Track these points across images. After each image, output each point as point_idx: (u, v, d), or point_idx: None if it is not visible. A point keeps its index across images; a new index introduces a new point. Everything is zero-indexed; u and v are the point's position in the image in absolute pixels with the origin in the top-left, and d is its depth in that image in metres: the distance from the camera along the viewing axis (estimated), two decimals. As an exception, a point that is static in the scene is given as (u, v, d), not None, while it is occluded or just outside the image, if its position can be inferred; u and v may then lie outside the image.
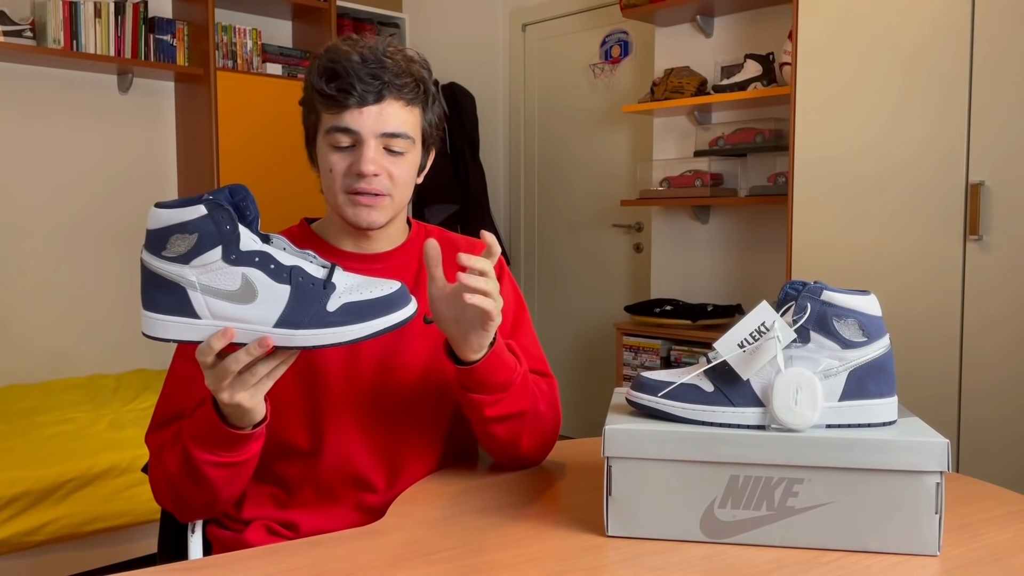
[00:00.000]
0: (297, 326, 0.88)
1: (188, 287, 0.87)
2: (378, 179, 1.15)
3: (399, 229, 1.29)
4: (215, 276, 0.87)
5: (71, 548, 2.43)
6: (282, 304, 0.88)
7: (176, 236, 0.87)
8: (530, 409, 1.14)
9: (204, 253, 0.87)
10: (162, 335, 0.88)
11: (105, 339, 3.66)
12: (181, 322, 0.88)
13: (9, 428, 2.69)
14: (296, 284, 0.88)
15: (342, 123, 1.13)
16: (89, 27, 3.37)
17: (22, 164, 3.43)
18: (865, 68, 2.50)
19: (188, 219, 0.86)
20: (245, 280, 0.87)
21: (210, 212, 0.86)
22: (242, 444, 1.01)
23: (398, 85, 1.14)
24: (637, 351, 3.43)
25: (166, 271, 0.87)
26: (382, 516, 1.05)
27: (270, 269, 0.88)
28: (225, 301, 0.87)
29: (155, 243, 0.88)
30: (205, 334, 0.88)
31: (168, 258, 0.87)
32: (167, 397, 1.16)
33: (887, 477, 0.89)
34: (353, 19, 4.29)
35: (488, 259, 1.02)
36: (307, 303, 0.88)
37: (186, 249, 0.87)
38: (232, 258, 0.87)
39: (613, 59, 4.10)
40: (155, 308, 0.88)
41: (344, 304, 0.89)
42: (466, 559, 0.90)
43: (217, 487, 1.05)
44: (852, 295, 0.94)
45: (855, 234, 2.54)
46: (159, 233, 0.87)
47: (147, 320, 0.88)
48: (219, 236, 0.87)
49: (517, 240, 4.61)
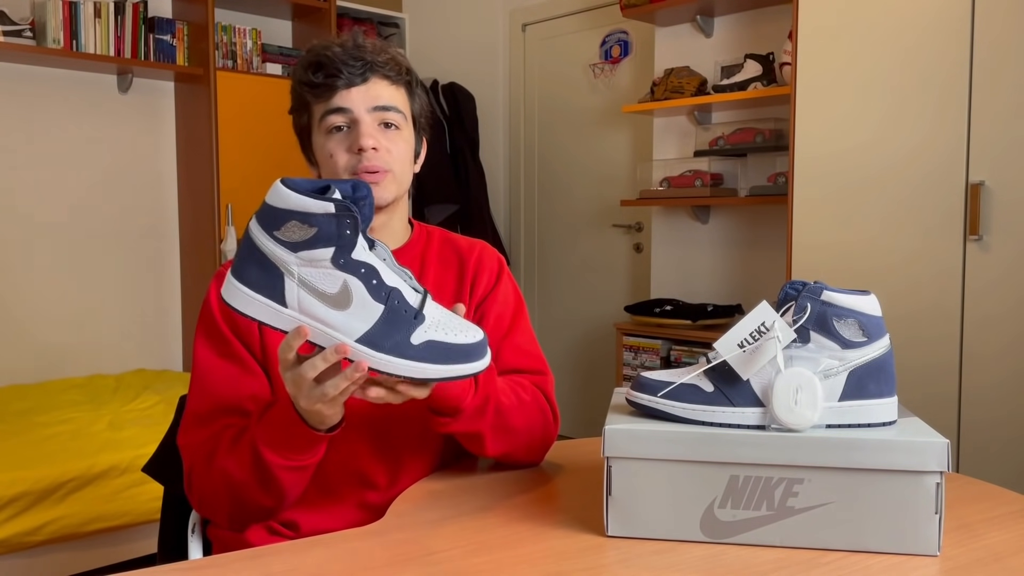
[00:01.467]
0: (378, 348, 0.87)
1: (287, 274, 0.86)
2: (378, 154, 1.18)
3: (402, 228, 1.29)
4: (318, 273, 0.86)
5: (71, 548, 2.43)
6: (371, 321, 0.87)
7: (294, 222, 0.85)
8: (489, 430, 1.12)
9: (316, 249, 0.85)
10: (241, 308, 0.87)
11: (105, 339, 3.66)
12: (267, 304, 0.87)
13: (9, 428, 2.69)
14: (391, 307, 0.87)
15: (334, 104, 1.18)
16: (89, 27, 3.37)
17: (22, 164, 3.43)
18: (865, 68, 2.50)
19: (313, 211, 0.84)
20: (345, 287, 0.86)
21: (337, 212, 0.84)
22: (317, 445, 1.02)
23: (380, 63, 1.20)
24: (637, 351, 3.43)
25: (271, 251, 0.86)
26: (383, 514, 1.05)
27: (372, 284, 0.87)
28: (318, 300, 0.86)
29: (270, 221, 0.86)
30: (286, 324, 0.87)
31: (278, 240, 0.85)
32: (200, 396, 1.14)
33: (887, 477, 0.89)
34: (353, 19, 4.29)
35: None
36: (395, 328, 0.87)
37: (300, 239, 0.85)
38: (341, 262, 0.86)
39: (613, 59, 4.10)
40: (245, 281, 0.87)
41: (428, 341, 0.88)
42: (466, 559, 0.90)
43: (286, 490, 1.05)
44: (852, 295, 0.94)
45: (855, 234, 2.54)
46: (278, 213, 0.85)
47: (233, 289, 0.87)
48: (336, 238, 0.85)
49: (517, 240, 4.61)
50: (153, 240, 3.80)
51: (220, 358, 1.14)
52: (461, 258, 1.30)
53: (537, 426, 1.20)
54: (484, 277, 1.29)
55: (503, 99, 4.60)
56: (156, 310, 3.82)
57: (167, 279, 3.86)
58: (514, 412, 1.15)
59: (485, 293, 1.28)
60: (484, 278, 1.29)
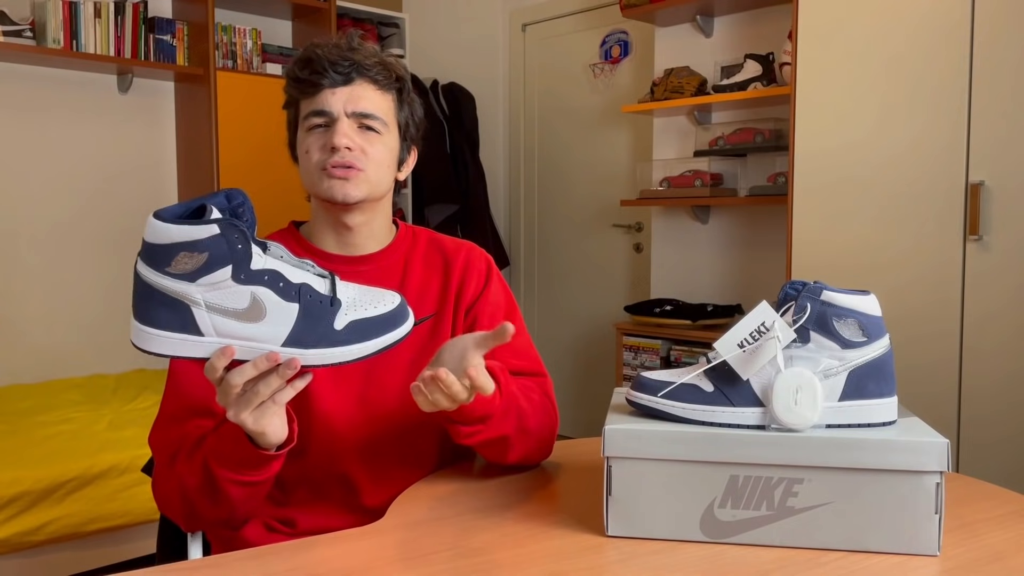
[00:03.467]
0: (306, 345, 0.86)
1: (192, 305, 0.84)
2: (351, 153, 1.18)
3: (384, 229, 1.28)
4: (223, 295, 0.84)
5: (71, 548, 2.43)
6: (291, 323, 0.86)
7: (183, 254, 0.82)
8: (513, 432, 1.12)
9: (213, 272, 0.83)
10: (160, 351, 0.85)
11: (105, 339, 3.66)
12: (183, 339, 0.85)
13: (9, 428, 2.69)
14: (305, 302, 0.86)
15: (316, 106, 1.18)
16: (89, 27, 3.37)
17: (22, 164, 3.43)
18: (865, 68, 2.50)
19: (198, 238, 0.82)
20: (254, 299, 0.85)
21: (223, 231, 0.82)
22: (264, 464, 1.00)
23: (368, 66, 1.19)
24: (637, 351, 3.43)
25: (168, 288, 0.83)
26: (375, 516, 1.05)
27: (279, 287, 0.85)
28: (232, 319, 0.85)
29: (157, 258, 0.83)
30: (209, 351, 0.85)
31: (172, 275, 0.83)
32: (171, 396, 1.14)
33: (887, 477, 0.89)
34: (353, 19, 4.29)
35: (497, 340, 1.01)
36: (315, 322, 0.87)
37: (193, 268, 0.82)
38: (242, 277, 0.84)
39: (613, 59, 4.10)
40: (153, 324, 0.84)
41: (351, 322, 0.88)
42: (466, 559, 0.90)
43: (235, 504, 1.04)
44: (852, 295, 0.94)
45: (855, 233, 2.54)
46: (163, 249, 0.82)
47: (142, 334, 0.85)
48: (230, 255, 0.83)
49: (517, 240, 4.61)
50: (153, 240, 3.80)
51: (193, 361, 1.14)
52: (447, 260, 1.29)
53: (547, 428, 1.20)
54: (472, 280, 1.28)
55: (503, 99, 4.60)
56: (156, 310, 3.81)
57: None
58: (530, 415, 1.16)
59: (475, 296, 1.27)
60: (472, 281, 1.28)
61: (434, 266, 1.29)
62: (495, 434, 1.10)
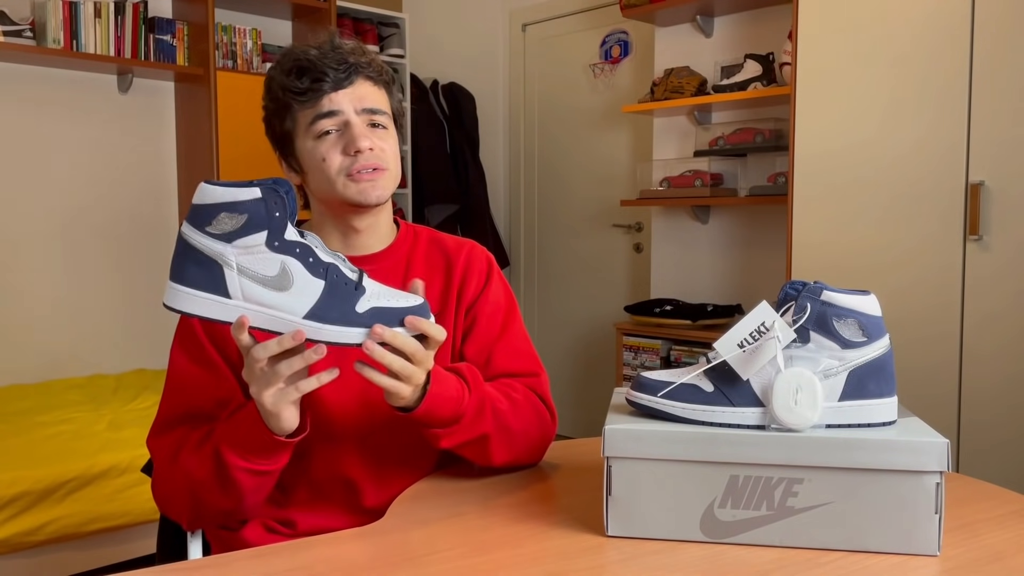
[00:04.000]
0: (325, 320, 0.89)
1: (225, 266, 0.88)
2: (374, 153, 1.17)
3: (387, 229, 1.28)
4: (255, 259, 0.88)
5: (71, 548, 2.43)
6: (314, 297, 0.89)
7: (224, 214, 0.87)
8: (493, 431, 1.11)
9: (249, 235, 0.88)
10: (187, 308, 0.89)
11: (105, 339, 3.66)
12: (210, 299, 0.89)
13: (9, 428, 2.69)
14: (331, 281, 0.90)
15: (324, 108, 1.16)
16: (89, 27, 3.37)
17: (22, 164, 3.43)
18: (865, 68, 2.50)
19: (241, 199, 0.87)
20: (283, 268, 0.88)
21: (264, 196, 0.88)
22: (277, 452, 1.01)
23: (364, 64, 1.18)
24: (637, 351, 3.43)
25: (206, 246, 0.88)
26: (375, 517, 1.05)
27: (308, 262, 0.89)
28: (260, 285, 0.88)
29: (200, 218, 0.88)
30: (232, 315, 0.89)
31: (211, 234, 0.88)
32: (170, 400, 1.14)
33: (887, 477, 0.89)
34: (353, 19, 4.29)
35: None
36: (339, 300, 0.90)
37: (232, 228, 0.87)
38: (275, 245, 0.88)
39: (613, 59, 4.10)
40: (185, 281, 0.89)
41: (372, 308, 0.91)
42: (466, 559, 0.90)
43: (244, 494, 1.05)
44: (852, 295, 0.94)
45: (855, 234, 2.54)
46: (207, 209, 0.88)
47: (174, 292, 0.89)
48: (267, 221, 0.88)
49: (517, 240, 4.61)
50: (153, 240, 3.80)
51: (194, 364, 1.14)
52: (448, 259, 1.29)
53: (534, 426, 1.19)
54: (473, 278, 1.27)
55: (503, 99, 4.60)
56: (156, 310, 3.81)
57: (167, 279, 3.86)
58: (510, 414, 1.15)
59: (475, 295, 1.27)
60: (473, 279, 1.27)
61: (436, 265, 1.28)
62: (473, 434, 1.09)
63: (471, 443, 1.11)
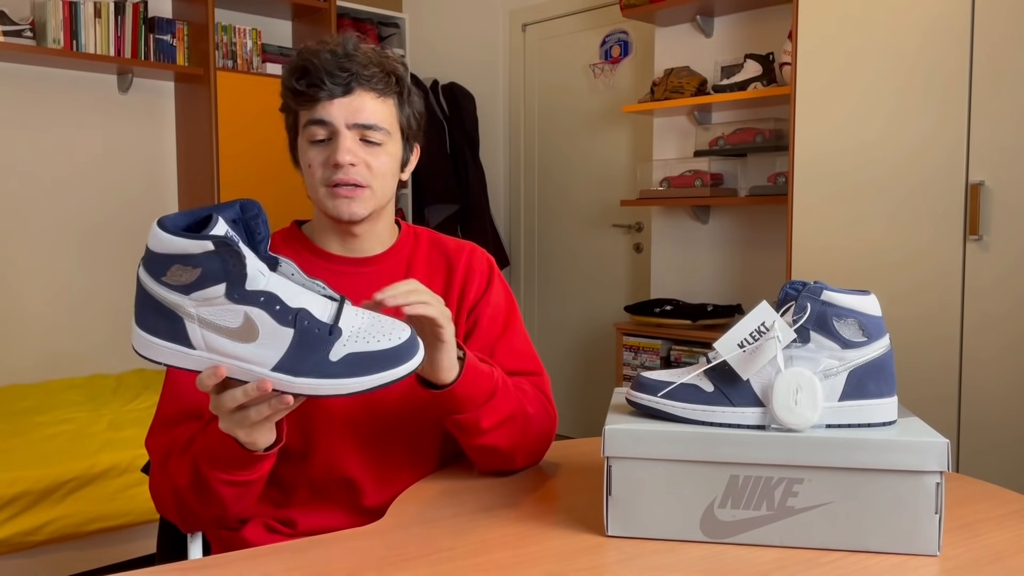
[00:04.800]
0: (296, 373, 0.83)
1: (186, 317, 0.82)
2: (356, 169, 1.16)
3: (387, 230, 1.27)
4: (216, 311, 0.82)
5: (71, 548, 2.43)
6: (283, 348, 0.83)
7: (177, 266, 0.81)
8: (518, 410, 1.14)
9: (206, 288, 0.81)
10: (154, 357, 0.84)
11: (105, 339, 3.66)
12: (175, 349, 0.83)
13: (9, 428, 2.69)
14: (301, 328, 0.83)
15: (316, 115, 1.15)
16: (89, 27, 3.37)
17: (22, 164, 3.43)
18: (865, 68, 2.50)
19: (192, 252, 0.80)
20: (247, 319, 0.82)
21: (217, 249, 0.80)
22: (253, 464, 1.00)
23: (367, 76, 1.16)
24: (637, 351, 3.43)
25: (164, 298, 0.82)
26: (376, 517, 1.05)
27: (275, 310, 0.83)
28: (224, 337, 0.83)
29: (155, 267, 0.82)
30: (199, 364, 0.84)
31: (168, 285, 0.82)
32: (167, 400, 1.14)
33: (887, 477, 0.89)
34: (353, 19, 4.29)
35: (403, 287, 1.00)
36: (310, 350, 0.83)
37: (188, 281, 0.81)
38: (236, 297, 0.82)
39: (613, 59, 4.10)
40: (148, 329, 0.84)
41: (348, 354, 0.84)
42: (466, 559, 0.90)
43: (226, 503, 1.04)
44: (852, 295, 0.94)
45: (855, 234, 2.54)
46: (160, 258, 0.82)
47: (139, 337, 0.85)
48: (224, 274, 0.81)
49: (517, 240, 4.61)
50: (153, 240, 3.80)
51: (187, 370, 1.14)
52: (449, 261, 1.29)
53: (542, 417, 1.20)
54: (475, 281, 1.28)
55: (503, 99, 4.60)
56: (156, 310, 3.82)
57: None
58: (525, 399, 1.17)
59: (477, 297, 1.27)
60: (475, 282, 1.28)
61: (437, 267, 1.29)
62: (506, 410, 1.11)
63: (504, 422, 1.11)
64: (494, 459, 1.16)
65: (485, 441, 1.12)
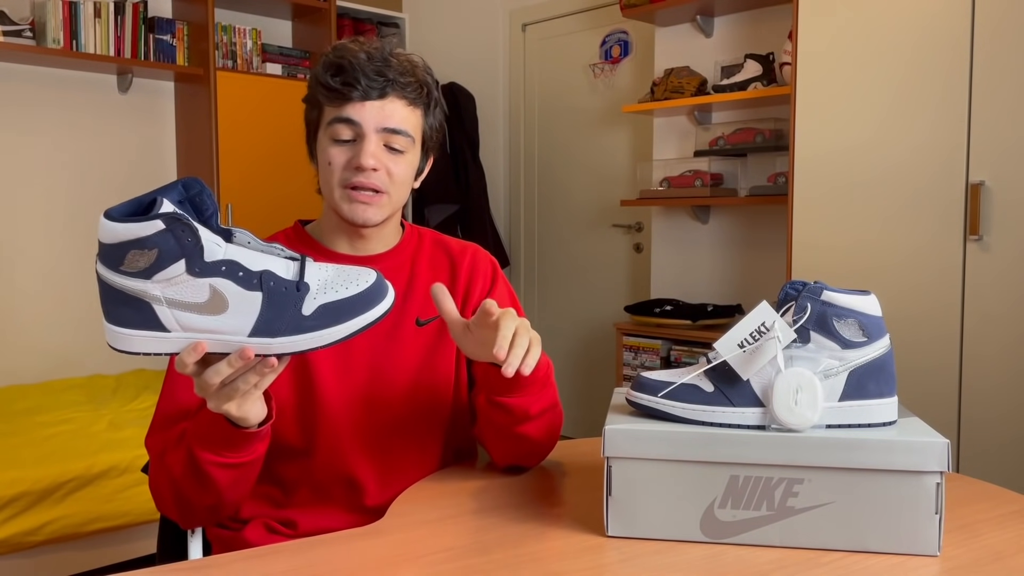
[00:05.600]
0: (273, 334, 0.84)
1: (153, 301, 0.81)
2: (377, 174, 1.16)
3: (393, 231, 1.29)
4: (181, 289, 0.81)
5: (71, 548, 2.43)
6: (255, 312, 0.83)
7: (134, 252, 0.80)
8: (558, 401, 1.15)
9: (166, 268, 0.80)
10: (131, 349, 0.84)
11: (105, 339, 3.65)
12: (150, 336, 0.83)
13: (9, 428, 2.69)
14: (268, 289, 0.83)
15: (345, 114, 1.15)
16: (89, 27, 3.37)
17: (22, 164, 3.43)
18: (865, 68, 2.50)
19: (145, 235, 0.79)
20: (213, 291, 0.82)
21: (168, 227, 0.79)
22: (247, 444, 0.99)
23: (402, 83, 1.16)
24: (637, 351, 3.43)
25: (127, 287, 0.81)
26: (378, 517, 1.05)
27: (239, 277, 0.82)
28: (194, 313, 0.82)
29: (111, 257, 0.81)
30: (177, 346, 0.83)
31: (127, 273, 0.81)
32: (166, 398, 1.14)
33: (887, 477, 0.89)
34: (353, 19, 4.29)
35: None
36: (281, 309, 0.83)
37: (146, 265, 0.80)
38: (196, 270, 0.81)
39: (613, 59, 4.10)
40: (119, 322, 0.83)
41: (320, 306, 0.84)
42: (466, 559, 0.90)
43: (222, 489, 1.04)
44: (852, 295, 0.94)
45: (855, 234, 2.54)
46: (115, 248, 0.80)
47: (113, 333, 0.84)
48: (180, 250, 0.80)
49: (517, 240, 4.61)
50: (153, 240, 3.80)
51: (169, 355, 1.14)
52: (453, 261, 1.30)
53: (558, 411, 1.19)
54: (479, 282, 1.28)
55: (503, 99, 4.60)
56: (156, 310, 3.82)
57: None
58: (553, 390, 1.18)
59: (481, 298, 1.27)
60: (479, 283, 1.28)
61: (440, 267, 1.29)
62: (551, 398, 1.12)
63: (547, 410, 1.12)
64: (523, 449, 1.15)
65: (526, 429, 1.11)
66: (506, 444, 1.15)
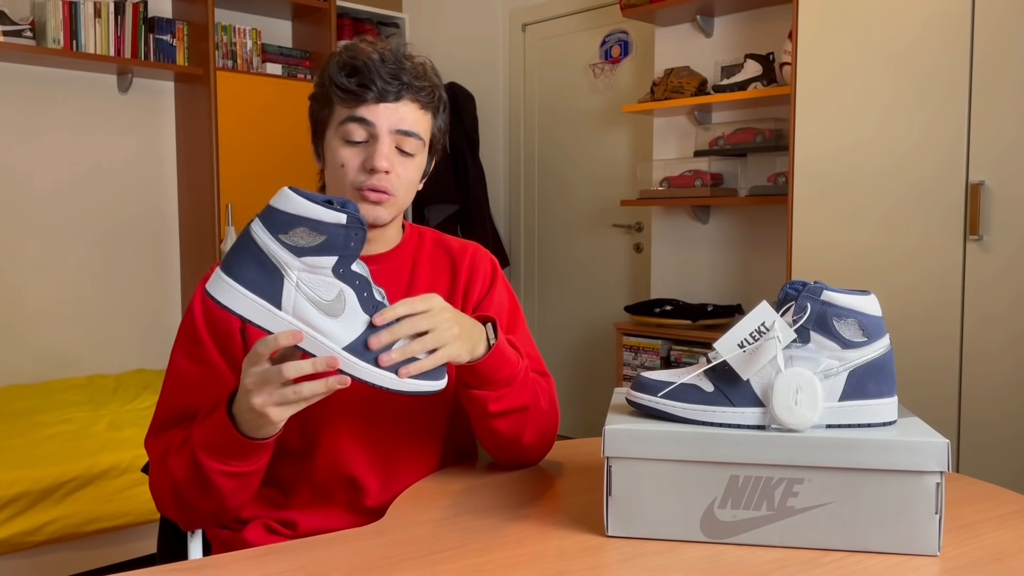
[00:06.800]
0: (363, 357, 0.89)
1: (287, 277, 0.87)
2: (388, 177, 1.17)
3: (395, 231, 1.29)
4: (317, 280, 0.88)
5: (71, 548, 2.43)
6: (358, 331, 0.89)
7: (304, 228, 0.87)
8: (531, 403, 1.14)
9: (321, 256, 0.87)
10: (231, 305, 0.87)
11: (105, 339, 3.66)
12: (260, 304, 0.87)
13: (9, 428, 2.69)
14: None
15: (359, 113, 1.15)
16: (89, 27, 3.37)
17: (21, 164, 3.43)
18: (865, 68, 2.50)
19: (325, 220, 0.87)
20: (340, 295, 0.89)
21: (348, 224, 0.88)
22: (254, 454, 1.00)
23: (416, 87, 1.17)
24: (637, 351, 3.43)
25: (274, 252, 0.87)
26: (378, 517, 1.05)
27: (363, 296, 0.90)
28: (312, 306, 0.88)
29: (276, 223, 0.87)
30: (277, 326, 0.88)
31: (283, 243, 0.87)
32: (167, 399, 1.14)
33: (887, 477, 0.89)
34: (353, 19, 4.29)
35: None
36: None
37: (306, 245, 0.87)
38: (340, 272, 0.88)
39: (613, 59, 4.10)
40: (239, 279, 0.87)
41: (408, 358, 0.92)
42: (466, 559, 0.90)
43: (225, 496, 1.04)
44: (852, 295, 0.94)
45: (855, 234, 2.54)
46: (287, 217, 0.87)
47: (223, 285, 0.87)
48: (343, 248, 0.88)
49: (517, 240, 4.61)
50: (153, 240, 3.81)
51: (193, 363, 1.14)
52: (453, 261, 1.30)
53: (552, 414, 1.21)
54: (479, 281, 1.29)
55: (503, 99, 4.60)
56: (156, 310, 3.82)
57: (167, 279, 3.86)
58: (540, 393, 1.18)
59: (480, 297, 1.28)
60: (479, 282, 1.29)
61: (441, 266, 1.30)
62: (518, 401, 1.12)
63: (514, 412, 1.12)
64: (496, 443, 1.17)
65: (493, 424, 1.13)
66: (481, 436, 1.18)
